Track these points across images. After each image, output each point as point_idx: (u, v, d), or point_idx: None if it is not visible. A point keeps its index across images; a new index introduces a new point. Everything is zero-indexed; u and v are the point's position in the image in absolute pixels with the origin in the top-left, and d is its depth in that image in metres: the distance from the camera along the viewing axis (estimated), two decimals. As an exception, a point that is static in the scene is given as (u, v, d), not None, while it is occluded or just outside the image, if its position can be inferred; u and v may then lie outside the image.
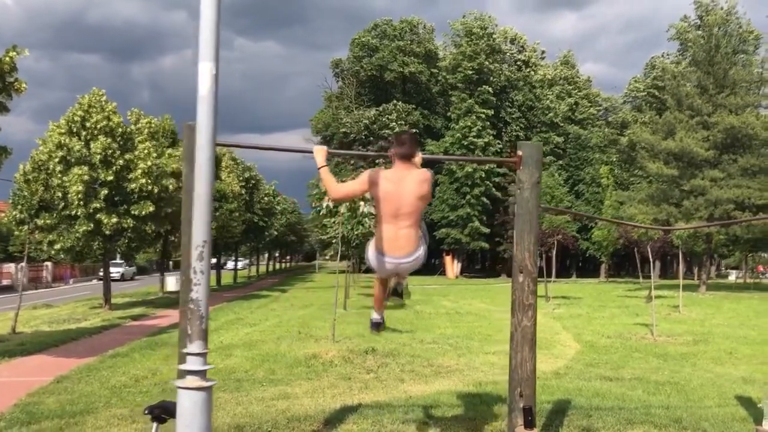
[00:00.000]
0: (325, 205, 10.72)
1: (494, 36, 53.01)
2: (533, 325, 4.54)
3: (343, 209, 11.08)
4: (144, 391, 7.04)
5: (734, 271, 56.78)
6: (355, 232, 16.27)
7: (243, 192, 31.79)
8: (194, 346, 2.60)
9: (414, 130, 49.78)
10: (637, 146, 33.08)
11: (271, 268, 61.51)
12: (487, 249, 51.50)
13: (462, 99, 50.23)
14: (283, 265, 76.95)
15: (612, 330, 13.75)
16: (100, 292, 19.96)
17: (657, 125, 30.71)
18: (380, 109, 51.12)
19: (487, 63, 50.58)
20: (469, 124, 49.45)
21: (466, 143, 48.94)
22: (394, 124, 49.85)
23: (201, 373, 2.55)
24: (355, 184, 4.15)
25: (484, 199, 48.86)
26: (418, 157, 4.47)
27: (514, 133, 52.32)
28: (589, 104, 58.77)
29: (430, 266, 58.14)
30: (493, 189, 48.88)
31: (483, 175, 47.79)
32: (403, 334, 12.30)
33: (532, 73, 56.43)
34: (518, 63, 56.78)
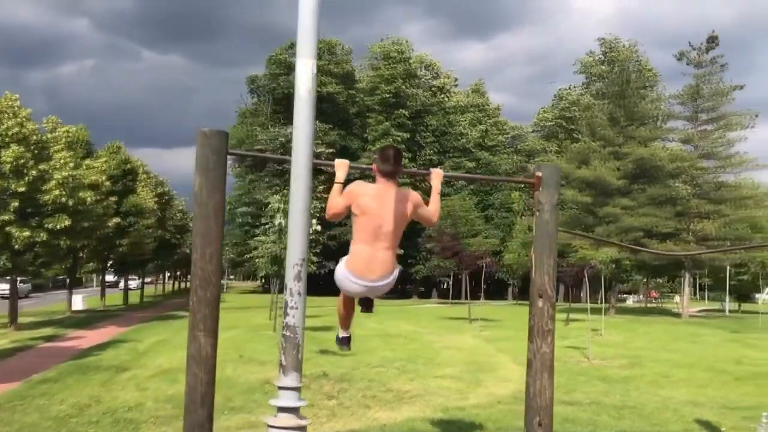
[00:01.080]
0: (277, 222, 10.25)
1: (411, 61, 53.79)
2: (552, 351, 4.40)
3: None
4: (93, 421, 6.44)
5: (630, 296, 59.57)
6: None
7: (156, 207, 30.55)
8: (289, 379, 2.29)
9: (399, 146, 49.85)
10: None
11: (176, 287, 59.40)
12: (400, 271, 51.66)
13: (379, 121, 50.56)
14: (188, 284, 74.36)
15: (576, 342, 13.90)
16: None
17: (571, 154, 31.91)
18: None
19: (403, 87, 51.21)
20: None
21: (381, 165, 49.05)
22: (310, 143, 49.48)
23: (295, 411, 2.24)
24: (339, 199, 3.80)
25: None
26: (437, 173, 4.28)
27: (428, 157, 53.04)
28: (498, 132, 60.45)
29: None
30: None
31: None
32: (346, 357, 11.97)
33: (446, 99, 57.54)
34: (433, 89, 57.77)
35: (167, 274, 56.13)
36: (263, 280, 57.36)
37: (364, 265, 3.84)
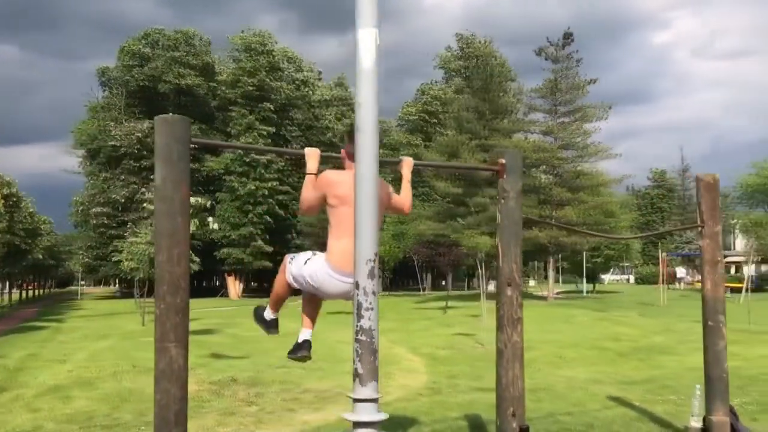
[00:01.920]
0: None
1: (274, 53, 52.86)
2: (522, 340, 4.37)
3: (192, 226, 10.04)
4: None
5: (493, 281, 62.45)
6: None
7: (3, 211, 27.93)
8: (368, 390, 2.04)
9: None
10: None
11: (24, 295, 54.81)
12: (270, 268, 50.78)
13: (242, 115, 49.23)
14: (38, 292, 69.02)
15: (438, 341, 14.12)
16: None
17: (440, 146, 32.73)
18: (154, 121, 48.23)
19: (267, 80, 50.21)
20: (250, 140, 48.57)
21: (247, 160, 47.98)
22: (171, 138, 47.41)
23: (375, 426, 1.98)
24: (311, 191, 3.61)
25: (267, 218, 48.12)
26: (407, 161, 4.11)
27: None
28: (363, 125, 60.95)
29: (211, 287, 55.98)
30: (276, 207, 48.39)
31: (266, 193, 47.11)
32: (242, 359, 11.53)
33: (311, 92, 57.12)
34: (297, 82, 57.12)
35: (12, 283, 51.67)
36: (122, 285, 54.31)
37: (347, 259, 3.57)
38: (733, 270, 62.24)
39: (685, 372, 9.84)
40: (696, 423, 5.26)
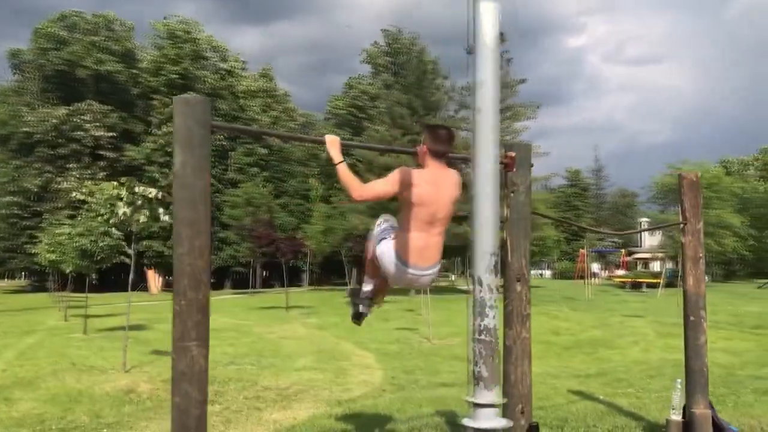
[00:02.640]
0: (121, 212, 9.03)
1: (199, 41, 51.46)
2: (530, 336, 4.31)
3: (142, 217, 9.51)
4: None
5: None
6: (100, 244, 14.25)
7: None
8: (492, 394, 1.88)
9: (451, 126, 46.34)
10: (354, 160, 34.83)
11: None
12: (191, 261, 49.38)
13: (165, 104, 47.67)
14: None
15: (383, 336, 14.02)
16: None
17: (373, 141, 32.58)
18: (72, 108, 46.11)
19: (192, 68, 48.84)
20: (172, 130, 47.15)
21: (170, 150, 46.56)
22: (89, 125, 45.42)
23: (499, 433, 1.84)
24: (387, 185, 3.52)
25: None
26: None
27: (219, 143, 51.25)
28: (289, 118, 60.23)
29: (127, 281, 53.97)
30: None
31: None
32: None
33: (236, 83, 55.91)
34: (221, 72, 55.79)
35: None
36: (33, 278, 51.64)
37: (418, 252, 3.55)
38: (641, 266, 65.11)
39: (632, 365, 10.14)
40: (676, 416, 5.35)
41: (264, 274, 54.88)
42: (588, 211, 74.69)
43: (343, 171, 3.51)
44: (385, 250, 3.63)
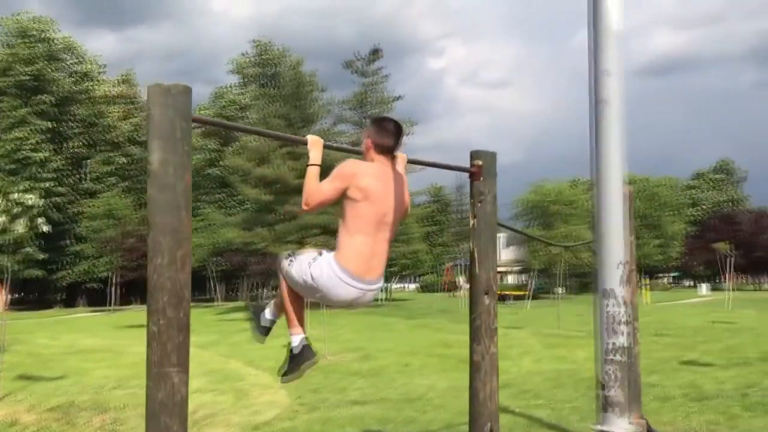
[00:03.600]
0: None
1: (54, 41, 48.07)
2: (497, 351, 4.16)
3: (20, 228, 8.46)
4: None
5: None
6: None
7: None
8: (626, 422, 1.65)
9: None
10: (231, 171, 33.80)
11: None
12: (42, 277, 45.76)
13: (14, 107, 44.08)
14: None
15: (272, 354, 13.45)
16: None
17: (250, 152, 31.77)
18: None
19: (46, 70, 45.49)
20: (24, 135, 43.64)
21: (19, 157, 43.12)
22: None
23: (633, 463, 1.62)
24: (332, 183, 3.13)
25: (40, 221, 43.36)
26: (403, 158, 3.72)
27: (75, 149, 48.04)
28: (151, 126, 57.63)
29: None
30: (52, 210, 43.82)
31: (42, 194, 42.50)
32: (61, 380, 10.15)
33: (94, 87, 52.70)
34: (77, 75, 52.38)
35: None
36: None
37: (365, 262, 3.12)
38: (498, 279, 67.93)
39: (530, 376, 10.35)
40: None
41: (122, 290, 51.81)
42: (451, 226, 77.04)
43: (309, 174, 3.19)
44: (324, 270, 3.11)
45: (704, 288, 46.04)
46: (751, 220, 60.34)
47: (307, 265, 3.18)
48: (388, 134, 3.26)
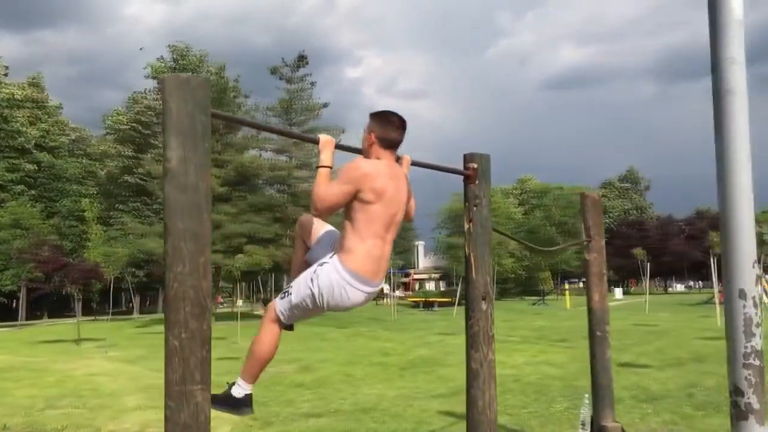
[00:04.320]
0: None
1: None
2: (494, 358, 4.07)
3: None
4: None
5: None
6: None
7: None
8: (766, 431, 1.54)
9: None
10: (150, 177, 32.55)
11: None
12: None
13: None
14: None
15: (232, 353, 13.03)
16: None
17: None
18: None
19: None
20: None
21: None
22: None
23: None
24: (339, 187, 2.93)
25: None
26: (407, 159, 3.58)
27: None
28: (60, 132, 55.15)
29: None
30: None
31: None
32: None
33: (-2, 90, 49.92)
34: (-22, 77, 49.53)
35: None
36: None
37: (376, 264, 2.99)
38: (417, 286, 68.71)
39: (476, 382, 10.34)
40: (585, 431, 5.44)
41: (29, 304, 49.03)
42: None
43: (319, 177, 2.99)
44: (331, 275, 2.94)
45: (618, 292, 47.85)
46: (657, 226, 63.43)
47: (310, 281, 3.00)
48: (394, 127, 3.12)
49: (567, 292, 38.30)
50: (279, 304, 3.10)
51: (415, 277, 69.60)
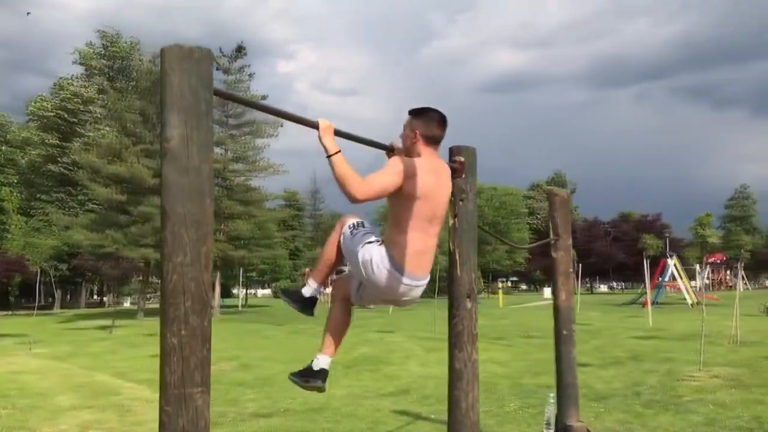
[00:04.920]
0: None
1: None
2: (478, 357, 3.96)
3: None
4: None
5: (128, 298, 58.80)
6: None
7: None
8: None
9: None
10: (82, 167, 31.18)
11: None
12: None
13: None
14: None
15: (145, 365, 12.58)
16: None
17: (102, 149, 29.42)
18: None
19: None
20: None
21: None
22: None
23: None
24: (392, 176, 2.91)
25: None
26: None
27: None
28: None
29: None
30: None
31: None
32: None
33: None
34: None
35: None
36: None
37: (417, 258, 3.03)
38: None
39: (423, 381, 10.27)
40: (550, 430, 5.42)
41: None
42: (305, 230, 76.65)
43: (340, 164, 2.85)
44: (374, 256, 3.01)
45: (547, 292, 48.96)
46: (584, 228, 65.35)
47: (358, 244, 3.09)
48: (437, 124, 3.18)
49: (501, 291, 38.94)
50: (345, 229, 3.21)
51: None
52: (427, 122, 3.14)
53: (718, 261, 52.92)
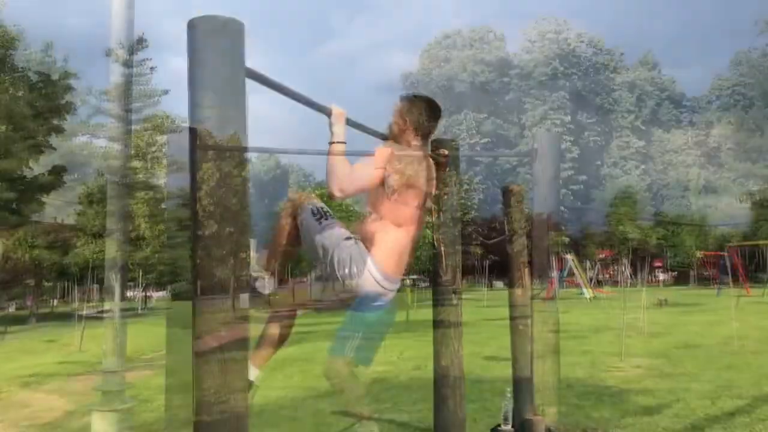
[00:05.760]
0: None
1: None
2: (462, 354, 3.89)
3: None
4: None
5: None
6: None
7: None
8: None
9: None
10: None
11: None
12: None
13: None
14: None
15: (52, 369, 11.84)
16: None
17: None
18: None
19: None
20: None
21: None
22: None
23: None
24: (373, 169, 2.77)
25: None
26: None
27: None
28: None
29: None
30: None
31: None
32: None
33: None
34: None
35: None
36: None
37: (398, 257, 2.88)
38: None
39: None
40: (507, 427, 5.42)
41: None
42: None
43: (336, 156, 2.70)
44: (353, 254, 2.79)
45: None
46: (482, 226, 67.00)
47: (338, 239, 2.84)
48: (428, 114, 2.96)
49: (410, 288, 39.19)
50: (305, 213, 2.95)
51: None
52: (419, 112, 2.98)
53: (607, 257, 55.75)
